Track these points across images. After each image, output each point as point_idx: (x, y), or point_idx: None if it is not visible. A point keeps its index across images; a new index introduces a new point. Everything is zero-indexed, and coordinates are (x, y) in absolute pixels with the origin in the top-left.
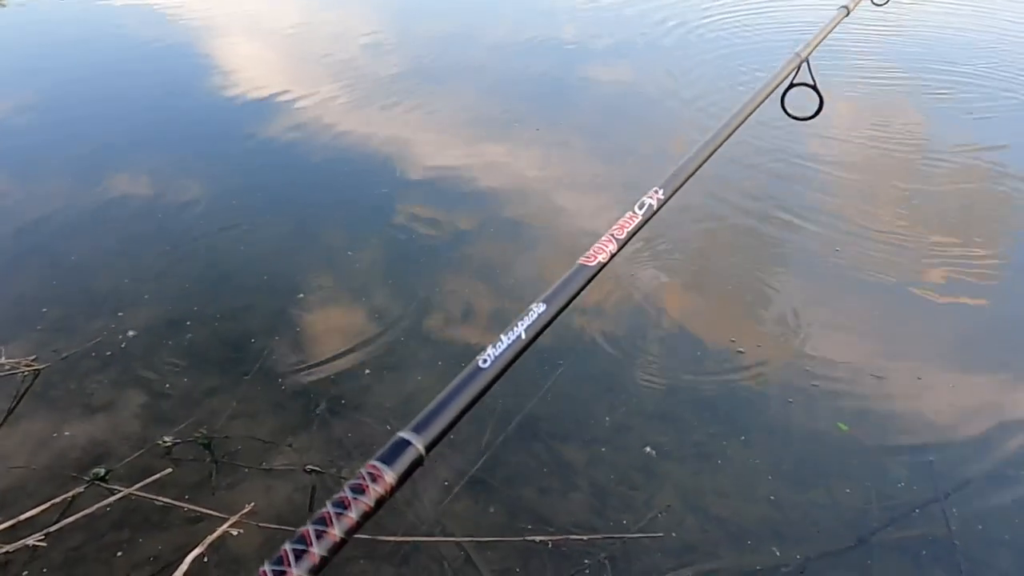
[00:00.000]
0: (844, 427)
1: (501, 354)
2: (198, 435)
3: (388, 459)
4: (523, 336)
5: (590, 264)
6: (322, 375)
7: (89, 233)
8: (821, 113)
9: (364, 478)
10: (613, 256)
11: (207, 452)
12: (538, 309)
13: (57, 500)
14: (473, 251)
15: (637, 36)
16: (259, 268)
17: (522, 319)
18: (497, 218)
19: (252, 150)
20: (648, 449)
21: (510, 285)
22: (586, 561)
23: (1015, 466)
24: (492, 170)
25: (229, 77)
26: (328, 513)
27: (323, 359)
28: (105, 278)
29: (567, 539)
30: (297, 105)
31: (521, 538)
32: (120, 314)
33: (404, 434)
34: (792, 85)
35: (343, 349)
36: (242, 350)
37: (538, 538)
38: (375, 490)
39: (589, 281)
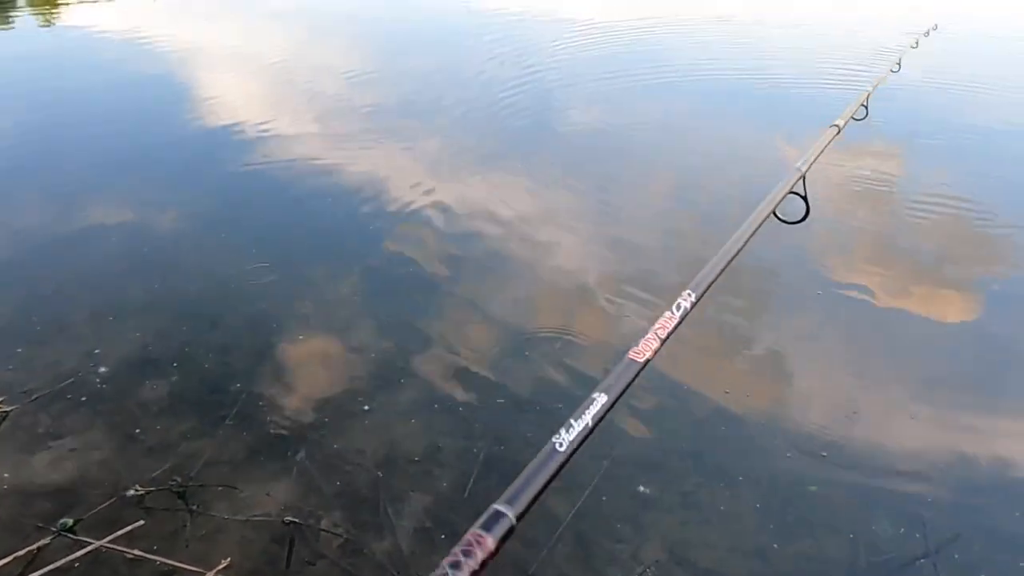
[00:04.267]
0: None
1: (574, 439)
2: (172, 483)
3: (488, 527)
4: (589, 424)
5: (639, 360)
6: (303, 419)
7: (66, 267)
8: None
9: (471, 543)
10: (656, 351)
11: (181, 501)
12: (600, 399)
13: (21, 552)
14: (460, 290)
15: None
16: (242, 306)
17: (588, 407)
18: (485, 256)
19: (236, 185)
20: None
21: (497, 324)
22: None
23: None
24: (479, 207)
25: (212, 110)
26: (446, 573)
27: (305, 403)
28: (81, 314)
29: None
30: (280, 139)
31: None
32: (96, 351)
33: (498, 506)
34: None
35: (325, 393)
36: (221, 392)
37: None
38: (479, 553)
39: (638, 374)
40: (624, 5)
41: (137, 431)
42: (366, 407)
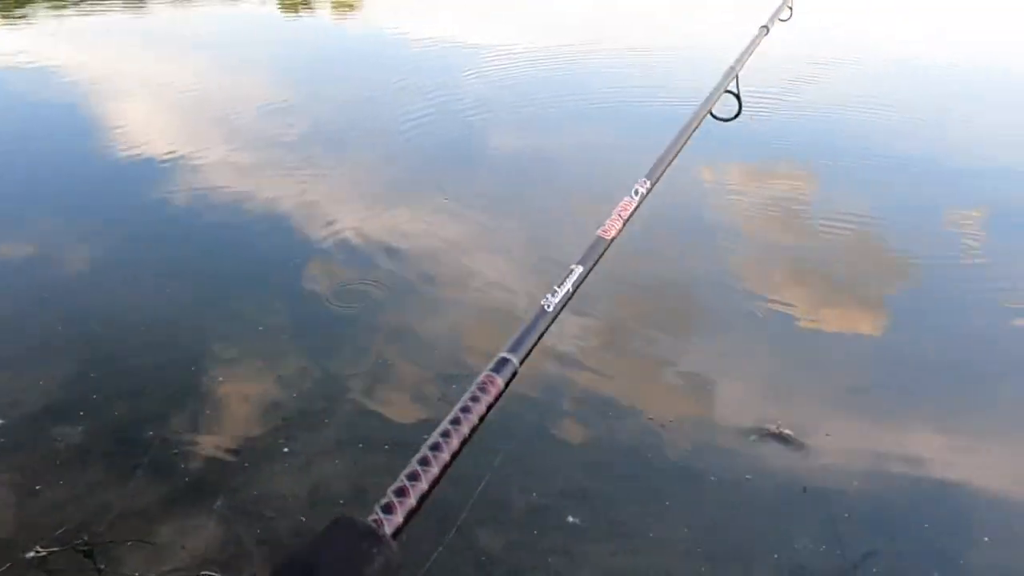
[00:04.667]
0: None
1: (559, 301)
2: (78, 542)
3: (497, 369)
4: (570, 289)
5: (606, 237)
6: (222, 465)
7: None
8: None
9: (485, 383)
10: (620, 231)
11: (88, 561)
12: (577, 270)
13: None
14: (384, 321)
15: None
16: (154, 347)
17: (568, 277)
18: (408, 283)
19: (146, 217)
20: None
21: (426, 356)
22: None
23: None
24: (399, 234)
25: (122, 140)
26: (466, 405)
27: (223, 447)
28: None
29: None
30: (192, 169)
31: None
32: None
33: (504, 354)
34: (723, 92)
35: (245, 435)
36: (133, 441)
37: None
38: (493, 389)
39: (606, 249)
40: (534, 33)
41: (38, 487)
42: (287, 448)
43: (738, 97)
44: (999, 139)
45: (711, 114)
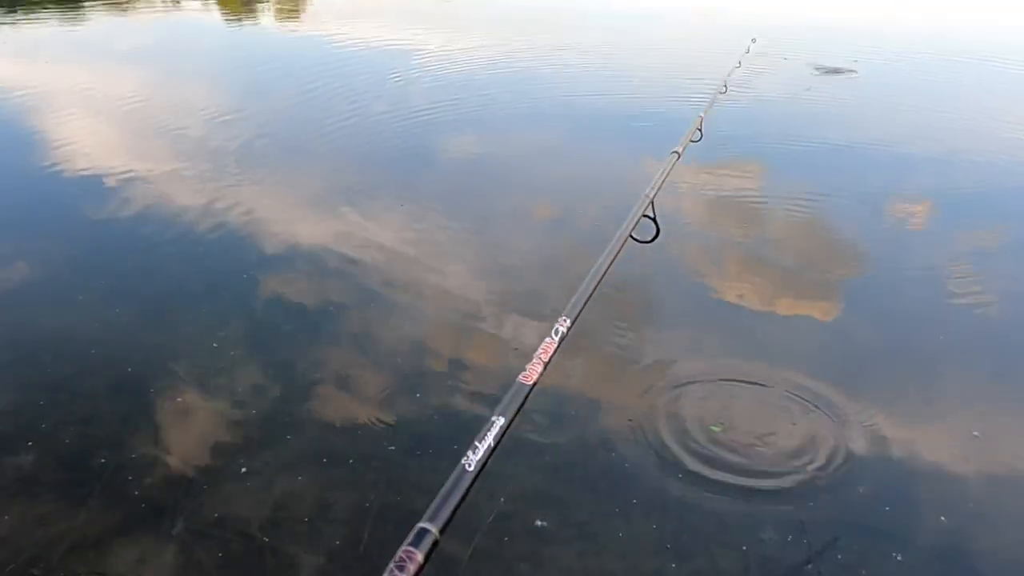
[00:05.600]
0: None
1: (480, 458)
2: None
3: (416, 543)
4: (491, 444)
5: (528, 383)
6: (179, 488)
7: None
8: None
9: (403, 559)
10: (541, 374)
11: None
12: (498, 421)
13: None
14: (342, 332)
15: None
16: (105, 369)
17: (489, 430)
18: (366, 293)
19: (93, 234)
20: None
21: (385, 365)
22: None
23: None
24: (354, 243)
25: (65, 155)
26: None
27: (180, 469)
28: None
29: None
30: (140, 183)
31: None
32: None
33: (423, 524)
34: (641, 217)
35: (203, 456)
36: (84, 468)
37: None
38: (411, 566)
39: (528, 396)
40: (478, 37)
41: None
42: (246, 468)
43: (655, 220)
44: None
45: (632, 237)
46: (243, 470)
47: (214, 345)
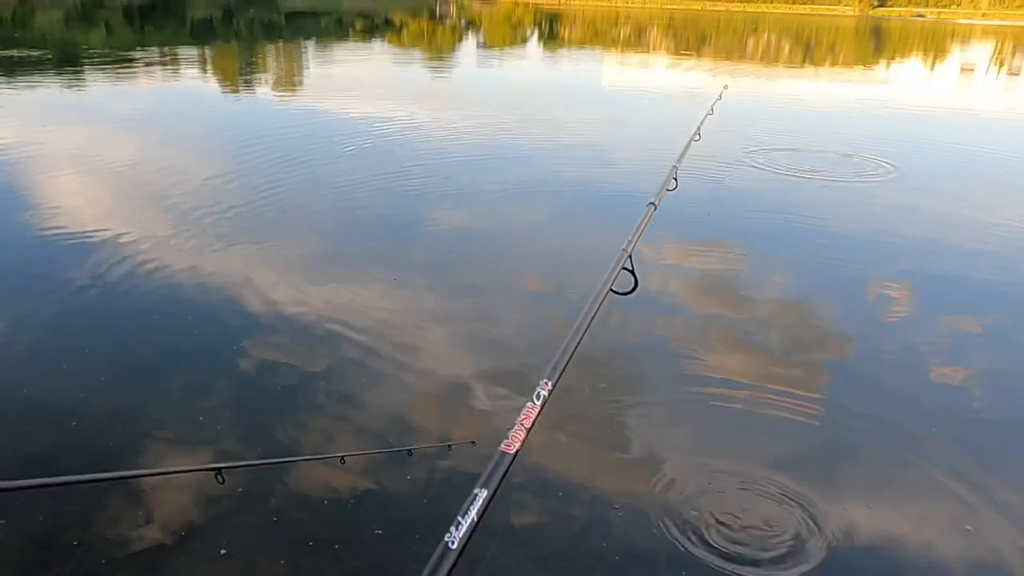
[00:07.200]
0: None
1: (463, 535)
2: None
3: None
4: (475, 519)
5: (510, 451)
6: (152, 568)
7: None
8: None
9: None
10: (524, 441)
11: None
12: (481, 494)
13: None
14: (327, 404)
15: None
16: (81, 442)
17: (472, 504)
18: (348, 361)
19: (75, 298)
20: None
21: (370, 440)
22: None
23: None
24: (340, 310)
25: (57, 217)
26: None
27: (156, 551)
28: None
29: None
30: (127, 247)
31: None
32: None
33: None
34: (620, 270)
35: (181, 535)
36: (54, 548)
37: None
38: None
39: (511, 465)
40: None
41: None
42: (225, 551)
43: (633, 273)
44: None
45: (612, 291)
46: (223, 552)
47: (197, 414)
